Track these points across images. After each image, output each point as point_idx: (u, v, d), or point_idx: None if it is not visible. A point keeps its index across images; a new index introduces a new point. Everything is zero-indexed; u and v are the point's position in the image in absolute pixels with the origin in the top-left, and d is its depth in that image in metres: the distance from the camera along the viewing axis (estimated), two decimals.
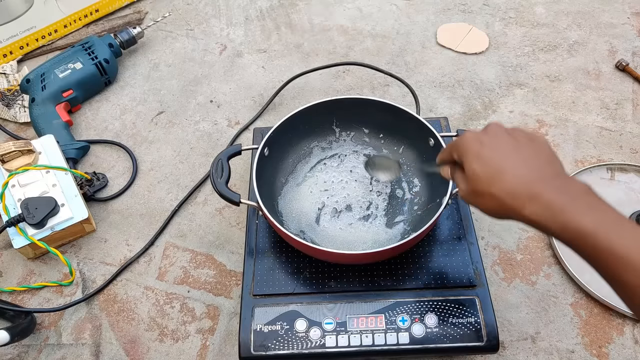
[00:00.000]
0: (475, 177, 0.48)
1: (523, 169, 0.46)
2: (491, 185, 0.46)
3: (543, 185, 0.44)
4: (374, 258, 0.64)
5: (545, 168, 0.47)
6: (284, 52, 1.03)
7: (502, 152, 0.48)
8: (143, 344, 0.69)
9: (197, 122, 0.93)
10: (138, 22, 1.10)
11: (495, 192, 0.46)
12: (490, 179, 0.47)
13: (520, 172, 0.46)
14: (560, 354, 0.66)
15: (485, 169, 0.47)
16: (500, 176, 0.46)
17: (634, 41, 0.99)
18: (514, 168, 0.46)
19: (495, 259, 0.74)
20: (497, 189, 0.46)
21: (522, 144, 0.49)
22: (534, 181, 0.45)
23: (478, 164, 0.48)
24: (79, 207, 0.76)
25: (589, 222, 0.42)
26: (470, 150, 0.49)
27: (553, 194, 0.44)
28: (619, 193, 0.77)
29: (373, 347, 0.60)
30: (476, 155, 0.48)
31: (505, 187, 0.46)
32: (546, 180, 0.45)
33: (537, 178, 0.45)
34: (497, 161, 0.47)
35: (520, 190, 0.45)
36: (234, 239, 0.78)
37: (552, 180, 0.45)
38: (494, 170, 0.47)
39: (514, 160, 0.47)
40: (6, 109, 0.94)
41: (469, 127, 0.88)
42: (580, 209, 0.42)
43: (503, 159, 0.47)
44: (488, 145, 0.48)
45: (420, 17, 1.07)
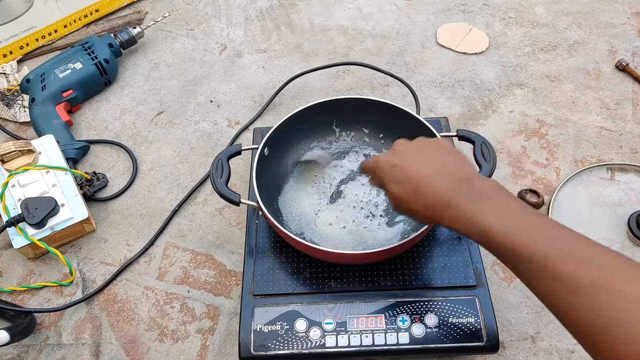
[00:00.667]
0: (396, 198, 0.52)
1: (435, 182, 0.49)
2: (410, 203, 0.50)
3: (453, 195, 0.47)
4: (374, 258, 0.64)
5: (453, 175, 0.49)
6: (284, 52, 1.03)
7: (413, 169, 0.51)
8: (143, 344, 0.69)
9: (197, 122, 0.93)
10: (138, 22, 1.10)
11: (416, 208, 0.50)
12: (408, 199, 0.51)
13: (433, 188, 0.49)
14: (560, 354, 0.66)
15: (402, 190, 0.51)
16: (417, 195, 0.50)
17: (634, 41, 0.99)
18: (427, 184, 0.49)
19: (495, 259, 0.74)
20: (416, 206, 0.50)
21: (429, 157, 0.52)
22: (445, 193, 0.48)
23: (395, 187, 0.52)
24: (79, 207, 0.76)
25: (490, 220, 0.44)
26: (385, 175, 0.53)
27: (462, 201, 0.46)
28: (619, 193, 0.77)
29: (373, 347, 0.60)
30: (391, 180, 0.52)
31: (423, 203, 0.49)
32: (455, 188, 0.48)
33: (448, 189, 0.48)
34: (408, 181, 0.51)
35: (436, 204, 0.48)
36: (234, 239, 0.78)
37: (459, 184, 0.48)
38: (410, 191, 0.50)
39: (426, 175, 0.50)
40: (6, 109, 0.94)
41: (469, 127, 0.88)
42: (485, 210, 0.45)
43: (413, 177, 0.50)
44: (399, 167, 0.52)
45: (420, 17, 1.07)
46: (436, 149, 0.54)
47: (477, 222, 0.45)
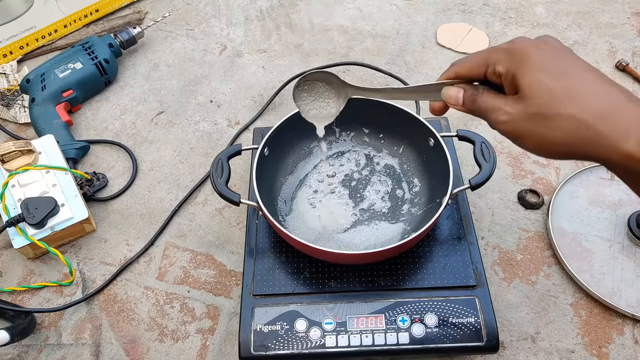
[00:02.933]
0: (546, 92, 0.35)
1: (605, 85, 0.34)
2: (571, 103, 0.34)
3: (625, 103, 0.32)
4: (374, 258, 0.64)
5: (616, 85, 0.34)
6: (284, 52, 1.03)
7: (573, 63, 0.35)
8: (143, 344, 0.69)
9: (197, 122, 0.93)
10: (138, 22, 1.10)
11: (577, 113, 0.33)
12: (569, 95, 0.34)
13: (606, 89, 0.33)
14: (560, 354, 0.66)
15: (563, 81, 0.34)
16: (586, 92, 0.33)
17: (634, 41, 0.99)
18: (597, 83, 0.34)
19: (495, 259, 0.74)
20: (580, 108, 0.33)
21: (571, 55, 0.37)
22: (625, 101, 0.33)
23: (549, 75, 0.35)
24: (79, 207, 0.76)
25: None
26: (534, 58, 0.36)
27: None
28: (619, 193, 0.77)
29: (373, 347, 0.60)
30: (542, 66, 0.35)
31: (595, 107, 0.33)
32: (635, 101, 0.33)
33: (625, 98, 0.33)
34: (570, 73, 0.35)
35: (617, 112, 0.32)
36: (234, 239, 0.78)
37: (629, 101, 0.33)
38: (574, 85, 0.34)
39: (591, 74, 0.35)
40: (6, 110, 0.94)
41: (469, 128, 0.88)
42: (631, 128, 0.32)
43: (579, 71, 0.35)
44: (556, 52, 0.36)
45: (420, 17, 1.07)
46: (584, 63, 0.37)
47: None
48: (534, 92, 0.35)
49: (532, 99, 0.35)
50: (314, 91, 0.53)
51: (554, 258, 0.73)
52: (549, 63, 0.35)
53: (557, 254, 0.72)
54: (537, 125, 0.35)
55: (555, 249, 0.73)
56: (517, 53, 0.37)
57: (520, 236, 0.76)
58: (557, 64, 0.35)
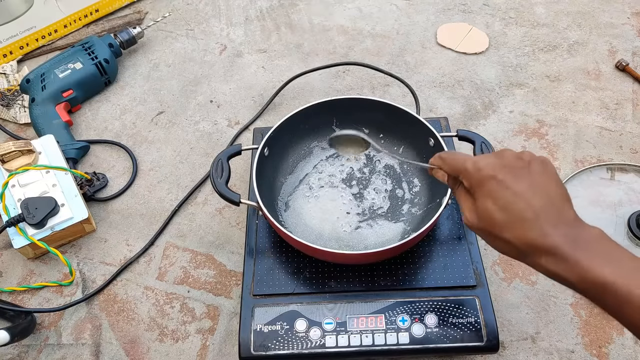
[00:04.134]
0: (489, 218, 0.44)
1: (541, 219, 0.43)
2: (505, 231, 0.43)
3: (560, 239, 0.42)
4: (374, 258, 0.64)
5: (561, 215, 0.43)
6: (284, 52, 1.03)
7: (521, 196, 0.43)
8: (143, 344, 0.69)
9: (197, 122, 0.93)
10: (138, 22, 1.10)
11: (510, 238, 0.43)
12: (506, 226, 0.43)
13: (538, 224, 0.42)
14: (560, 354, 0.66)
15: (503, 214, 0.44)
16: (518, 225, 0.43)
17: (634, 41, 0.99)
18: (533, 218, 0.42)
19: (495, 259, 0.74)
20: (511, 236, 0.43)
21: (539, 183, 0.45)
22: (550, 234, 0.42)
23: (494, 205, 0.44)
24: (79, 207, 0.76)
25: (607, 272, 0.40)
26: (485, 187, 0.45)
27: (568, 246, 0.41)
28: (619, 193, 0.77)
29: (373, 347, 0.60)
30: (492, 196, 0.44)
31: (522, 237, 0.43)
32: (562, 232, 0.42)
33: (554, 231, 0.42)
34: (516, 208, 0.43)
35: (537, 242, 0.42)
36: (234, 239, 0.78)
37: (568, 229, 0.42)
38: (512, 218, 0.43)
39: (533, 208, 0.43)
40: (6, 110, 0.94)
41: (469, 127, 0.88)
42: (597, 259, 0.41)
43: (522, 206, 0.43)
44: (506, 186, 0.44)
45: (420, 17, 1.07)
46: (544, 173, 0.46)
47: (588, 271, 0.40)
48: (482, 215, 0.45)
49: (480, 220, 0.46)
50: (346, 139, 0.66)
51: None
52: (499, 198, 0.44)
53: None
54: (485, 236, 0.47)
55: None
56: (477, 179, 0.46)
57: None
58: (506, 198, 0.44)
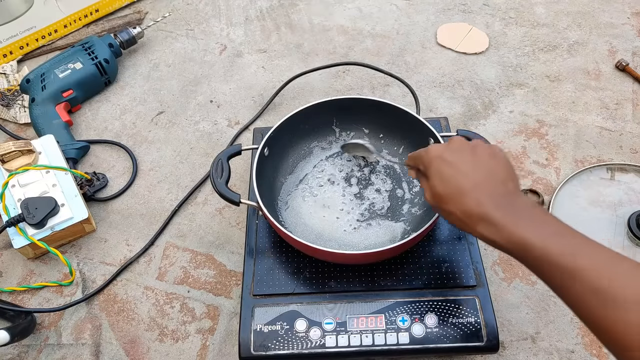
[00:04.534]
0: (435, 193, 0.52)
1: (477, 190, 0.49)
2: (448, 203, 0.50)
3: (492, 206, 0.47)
4: (374, 258, 0.64)
5: (497, 187, 0.49)
6: (284, 52, 1.03)
7: (461, 171, 0.50)
8: (143, 344, 0.69)
9: (197, 122, 0.93)
10: (138, 22, 1.10)
11: (452, 209, 0.50)
12: (447, 198, 0.50)
13: (474, 194, 0.49)
14: (560, 354, 0.66)
15: (444, 187, 0.51)
16: (457, 197, 0.49)
17: (634, 41, 0.99)
18: (470, 190, 0.49)
19: (495, 259, 0.74)
20: (453, 208, 0.50)
21: (481, 162, 0.51)
22: (484, 202, 0.48)
23: (438, 181, 0.51)
24: (79, 207, 0.76)
25: (529, 234, 0.44)
26: (433, 166, 0.52)
27: (499, 212, 0.47)
28: (619, 193, 0.77)
29: (373, 347, 0.60)
30: (437, 173, 0.52)
31: (460, 207, 0.49)
32: (496, 200, 0.48)
33: (488, 199, 0.48)
34: (455, 181, 0.50)
35: (473, 211, 0.48)
36: (234, 239, 0.78)
37: (501, 199, 0.48)
38: (452, 190, 0.50)
39: (471, 181, 0.50)
40: (6, 110, 0.94)
41: (469, 127, 0.88)
42: (522, 223, 0.45)
43: (461, 179, 0.50)
44: (449, 164, 0.51)
45: (420, 17, 1.07)
46: (491, 156, 0.53)
47: (513, 233, 0.45)
48: (432, 191, 0.53)
49: (431, 195, 0.53)
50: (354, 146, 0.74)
51: None
52: (442, 173, 0.51)
53: None
54: (439, 210, 0.53)
55: None
56: (427, 160, 0.54)
57: None
58: (448, 174, 0.51)
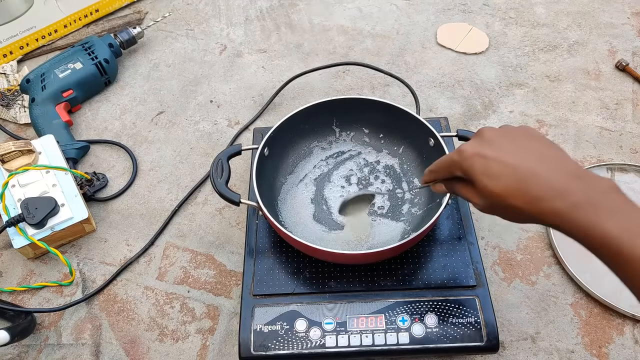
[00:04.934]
0: (491, 193, 0.45)
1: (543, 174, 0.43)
2: (510, 198, 0.43)
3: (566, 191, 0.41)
4: (374, 258, 0.64)
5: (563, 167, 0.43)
6: (284, 52, 1.03)
7: (512, 160, 0.44)
8: (143, 344, 0.69)
9: (197, 122, 0.93)
10: (138, 22, 1.10)
11: (517, 204, 0.43)
12: (507, 193, 0.43)
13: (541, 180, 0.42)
14: (560, 354, 0.66)
15: (500, 184, 0.44)
16: (520, 189, 0.43)
17: (634, 41, 0.99)
18: (534, 175, 0.43)
19: (495, 259, 0.74)
20: (517, 201, 0.43)
21: (524, 143, 0.46)
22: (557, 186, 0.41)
23: (489, 179, 0.44)
24: (79, 207, 0.76)
25: (613, 226, 0.38)
26: (476, 166, 0.46)
27: (578, 200, 0.40)
28: None
29: (373, 347, 0.60)
30: (485, 171, 0.45)
31: (527, 198, 0.43)
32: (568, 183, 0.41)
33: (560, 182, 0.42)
34: (512, 172, 0.44)
35: (545, 198, 0.42)
36: (234, 239, 0.78)
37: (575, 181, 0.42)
38: (511, 184, 0.43)
39: (530, 166, 0.43)
40: (6, 110, 0.94)
41: (469, 127, 0.88)
42: (605, 211, 0.39)
43: (517, 167, 0.44)
44: (493, 158, 0.45)
45: (420, 17, 1.07)
46: (531, 137, 0.47)
47: (595, 228, 0.39)
48: (484, 193, 0.45)
49: (484, 198, 0.46)
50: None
51: (554, 258, 0.73)
52: (490, 170, 0.45)
53: (557, 254, 0.72)
54: (497, 211, 0.46)
55: (555, 249, 0.73)
56: (466, 164, 0.46)
57: (520, 236, 0.76)
58: (497, 169, 0.44)
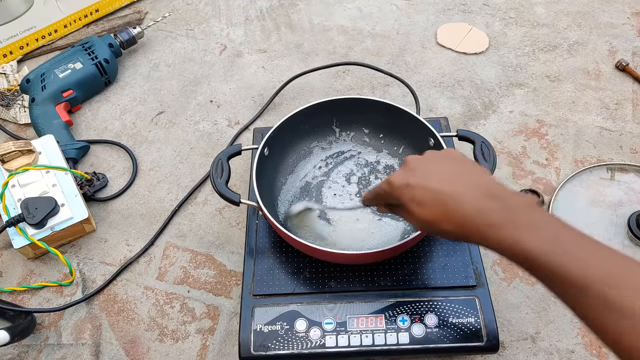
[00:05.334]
0: (421, 219, 0.47)
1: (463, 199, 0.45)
2: (439, 224, 0.46)
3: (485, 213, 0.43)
4: (374, 258, 0.64)
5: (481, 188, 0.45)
6: (284, 52, 1.03)
7: (435, 186, 0.47)
8: (143, 344, 0.69)
9: (197, 122, 0.93)
10: (138, 22, 1.10)
11: (446, 228, 0.46)
12: (435, 219, 0.46)
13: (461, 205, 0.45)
14: (560, 354, 0.66)
15: (427, 211, 0.46)
16: (445, 214, 0.45)
17: (634, 41, 0.99)
18: (455, 201, 0.45)
19: (495, 259, 0.74)
20: (447, 226, 0.45)
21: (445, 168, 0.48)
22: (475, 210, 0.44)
23: (418, 208, 0.47)
24: (79, 207, 0.76)
25: (534, 242, 0.40)
26: (405, 196, 0.48)
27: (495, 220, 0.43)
28: (619, 193, 0.77)
29: (373, 347, 0.60)
30: (412, 201, 0.47)
31: (453, 222, 0.45)
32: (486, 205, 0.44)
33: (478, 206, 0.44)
34: (435, 199, 0.46)
35: (467, 222, 0.44)
36: (234, 239, 0.78)
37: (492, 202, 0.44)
38: (436, 210, 0.46)
39: (451, 191, 0.46)
40: (6, 110, 0.94)
41: (469, 127, 0.88)
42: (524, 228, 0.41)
43: (440, 194, 0.46)
44: (418, 185, 0.47)
45: (420, 17, 1.07)
46: (452, 161, 0.50)
47: (517, 245, 0.41)
48: (416, 219, 0.48)
49: (419, 223, 0.48)
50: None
51: None
52: (416, 198, 0.47)
53: None
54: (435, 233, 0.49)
55: None
56: (395, 195, 0.49)
57: None
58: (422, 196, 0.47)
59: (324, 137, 0.79)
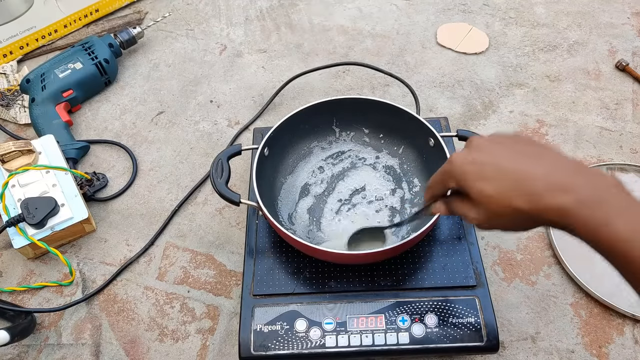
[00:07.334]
0: (488, 198, 0.41)
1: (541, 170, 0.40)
2: (509, 199, 0.40)
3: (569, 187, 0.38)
4: (374, 258, 0.64)
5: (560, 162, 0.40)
6: (284, 52, 1.03)
7: (503, 163, 0.42)
8: (143, 344, 0.69)
9: (197, 122, 0.93)
10: (138, 22, 1.10)
11: (517, 204, 0.40)
12: (505, 195, 0.40)
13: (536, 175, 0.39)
14: (560, 354, 0.66)
15: (496, 185, 0.41)
16: (516, 187, 0.40)
17: (634, 41, 0.99)
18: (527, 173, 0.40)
19: (495, 259, 0.74)
20: (518, 202, 0.40)
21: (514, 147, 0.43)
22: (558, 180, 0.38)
23: (485, 183, 0.41)
24: (79, 207, 0.76)
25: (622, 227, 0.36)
26: (469, 173, 0.43)
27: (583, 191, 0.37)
28: None
29: (373, 347, 0.60)
30: (478, 177, 0.42)
31: (526, 196, 0.39)
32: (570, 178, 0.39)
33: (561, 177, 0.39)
34: (504, 174, 0.41)
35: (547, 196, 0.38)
36: (234, 239, 0.78)
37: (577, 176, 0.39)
38: (507, 184, 0.41)
39: (521, 166, 0.41)
40: (6, 110, 0.94)
41: (469, 127, 0.88)
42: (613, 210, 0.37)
43: (509, 169, 0.41)
44: (485, 162, 0.42)
45: (420, 17, 1.07)
46: (523, 141, 0.44)
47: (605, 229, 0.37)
48: (480, 199, 0.42)
49: (481, 205, 0.42)
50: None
51: (554, 258, 0.73)
52: (484, 174, 0.42)
53: (557, 254, 0.72)
54: (497, 220, 0.43)
55: (555, 249, 0.73)
56: (459, 172, 0.44)
57: (520, 236, 0.76)
58: (492, 170, 0.42)
59: (324, 137, 0.79)
